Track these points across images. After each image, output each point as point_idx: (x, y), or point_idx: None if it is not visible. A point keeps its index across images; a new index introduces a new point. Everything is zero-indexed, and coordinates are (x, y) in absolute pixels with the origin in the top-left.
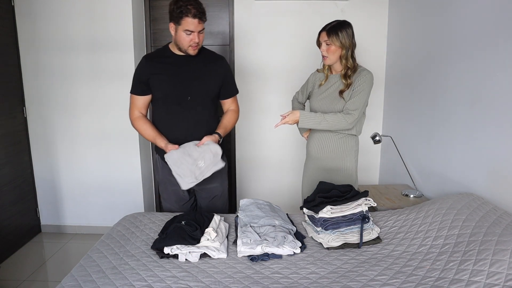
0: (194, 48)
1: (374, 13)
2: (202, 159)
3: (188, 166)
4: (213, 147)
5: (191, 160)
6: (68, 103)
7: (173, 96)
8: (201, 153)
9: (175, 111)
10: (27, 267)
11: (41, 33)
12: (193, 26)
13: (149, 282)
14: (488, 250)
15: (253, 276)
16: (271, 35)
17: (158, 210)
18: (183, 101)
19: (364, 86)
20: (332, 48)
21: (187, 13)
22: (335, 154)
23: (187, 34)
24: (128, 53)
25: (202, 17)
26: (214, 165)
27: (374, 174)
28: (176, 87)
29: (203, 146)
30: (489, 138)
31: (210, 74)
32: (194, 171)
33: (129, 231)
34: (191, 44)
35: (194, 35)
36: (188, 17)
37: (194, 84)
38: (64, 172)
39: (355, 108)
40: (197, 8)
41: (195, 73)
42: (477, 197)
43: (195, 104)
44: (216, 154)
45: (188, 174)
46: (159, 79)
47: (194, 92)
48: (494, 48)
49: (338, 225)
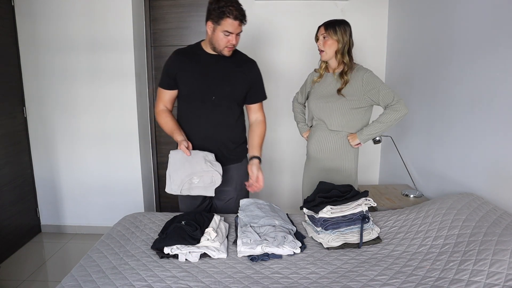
0: (230, 50)
1: (374, 13)
2: (199, 178)
3: (182, 175)
4: (216, 175)
5: (189, 171)
6: (68, 103)
7: (198, 94)
8: (203, 172)
9: (198, 110)
10: (27, 267)
11: (41, 33)
12: (233, 28)
13: (149, 282)
14: (488, 250)
15: (253, 276)
16: (271, 35)
17: (158, 210)
18: (207, 101)
19: (376, 82)
20: (329, 42)
21: (229, 14)
22: (335, 155)
23: (225, 35)
24: (128, 53)
25: (243, 19)
26: (205, 189)
27: (374, 174)
28: (201, 86)
29: (209, 167)
30: (489, 138)
31: (238, 76)
32: (184, 182)
33: (129, 231)
34: (228, 45)
35: (232, 37)
36: (230, 18)
37: (220, 84)
38: (64, 172)
39: (391, 96)
40: (239, 10)
41: (223, 74)
42: (477, 197)
43: (219, 105)
44: (214, 184)
45: (177, 182)
46: (186, 75)
47: (218, 93)
48: (494, 48)
49: (338, 225)
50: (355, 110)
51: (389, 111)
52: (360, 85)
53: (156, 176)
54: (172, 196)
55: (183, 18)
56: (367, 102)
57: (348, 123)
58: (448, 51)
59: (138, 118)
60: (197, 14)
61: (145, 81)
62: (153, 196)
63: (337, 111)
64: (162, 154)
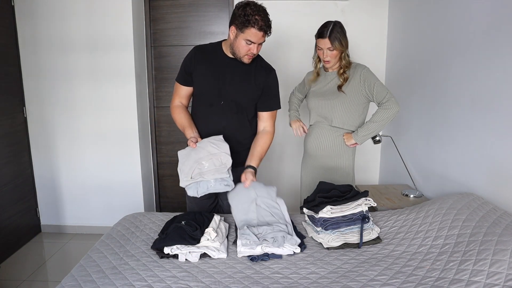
0: (250, 58)
1: (374, 13)
2: (208, 161)
3: (190, 162)
4: (224, 157)
5: (196, 157)
6: (68, 103)
7: (208, 96)
8: (210, 155)
9: (206, 112)
10: (27, 267)
11: (41, 33)
12: (256, 38)
13: (149, 282)
14: (488, 250)
15: (253, 276)
16: (271, 35)
17: (158, 210)
18: (216, 104)
19: (372, 77)
20: (335, 53)
21: (254, 24)
22: (333, 152)
23: (247, 43)
24: (128, 53)
25: (267, 30)
26: (217, 171)
27: (374, 174)
28: (213, 89)
29: (215, 149)
30: (489, 138)
31: (250, 84)
32: (193, 168)
33: (129, 231)
34: (248, 53)
35: (254, 46)
36: (254, 28)
37: (230, 89)
38: (64, 172)
39: (385, 93)
40: (265, 21)
41: (235, 80)
42: (477, 197)
43: (227, 111)
44: (225, 166)
45: (186, 171)
46: (200, 74)
47: (227, 99)
48: (495, 48)
49: (338, 225)
50: (355, 106)
51: (381, 109)
52: (358, 81)
53: (156, 176)
54: (172, 196)
55: (183, 18)
56: (365, 98)
57: (350, 119)
58: (448, 51)
59: (138, 118)
60: (197, 14)
61: (145, 81)
62: (153, 196)
63: (339, 107)
64: (162, 154)
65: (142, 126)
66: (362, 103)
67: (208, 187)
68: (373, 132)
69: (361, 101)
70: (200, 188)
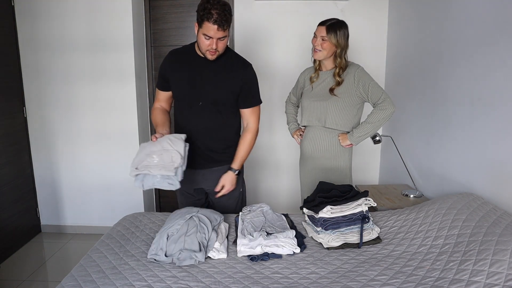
0: (212, 54)
1: (374, 13)
2: (159, 157)
3: (142, 154)
4: (175, 155)
5: (150, 150)
6: (68, 103)
7: (186, 98)
8: (162, 150)
9: (187, 114)
10: (27, 267)
11: (41, 33)
12: (212, 32)
13: (149, 282)
14: (488, 250)
15: (253, 276)
16: (271, 35)
17: (158, 210)
18: (194, 106)
19: (367, 77)
20: (327, 44)
21: (208, 18)
22: (329, 153)
23: (206, 38)
24: (128, 53)
25: (222, 24)
26: (164, 168)
27: (374, 174)
28: (189, 90)
29: (169, 146)
30: (489, 138)
31: (226, 81)
32: (142, 160)
33: (129, 231)
34: (209, 49)
35: (212, 41)
36: (209, 22)
37: (206, 89)
38: (64, 172)
39: (380, 93)
40: (220, 15)
41: (211, 79)
42: (477, 197)
43: (207, 111)
44: (173, 164)
45: (135, 162)
46: (176, 77)
47: (205, 98)
48: (494, 48)
49: (338, 225)
50: (349, 107)
51: (376, 110)
52: (352, 81)
53: None
54: (172, 196)
55: (183, 18)
56: (359, 99)
57: (343, 120)
58: (448, 51)
59: (138, 118)
60: None
61: (145, 81)
62: (153, 196)
63: (333, 108)
64: None
65: (142, 126)
66: (356, 104)
67: (154, 182)
68: (368, 133)
69: (355, 102)
70: (146, 182)
